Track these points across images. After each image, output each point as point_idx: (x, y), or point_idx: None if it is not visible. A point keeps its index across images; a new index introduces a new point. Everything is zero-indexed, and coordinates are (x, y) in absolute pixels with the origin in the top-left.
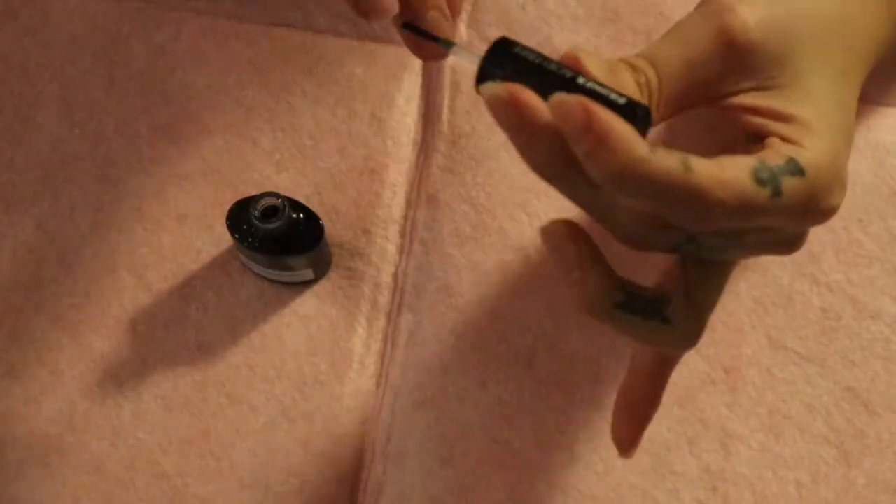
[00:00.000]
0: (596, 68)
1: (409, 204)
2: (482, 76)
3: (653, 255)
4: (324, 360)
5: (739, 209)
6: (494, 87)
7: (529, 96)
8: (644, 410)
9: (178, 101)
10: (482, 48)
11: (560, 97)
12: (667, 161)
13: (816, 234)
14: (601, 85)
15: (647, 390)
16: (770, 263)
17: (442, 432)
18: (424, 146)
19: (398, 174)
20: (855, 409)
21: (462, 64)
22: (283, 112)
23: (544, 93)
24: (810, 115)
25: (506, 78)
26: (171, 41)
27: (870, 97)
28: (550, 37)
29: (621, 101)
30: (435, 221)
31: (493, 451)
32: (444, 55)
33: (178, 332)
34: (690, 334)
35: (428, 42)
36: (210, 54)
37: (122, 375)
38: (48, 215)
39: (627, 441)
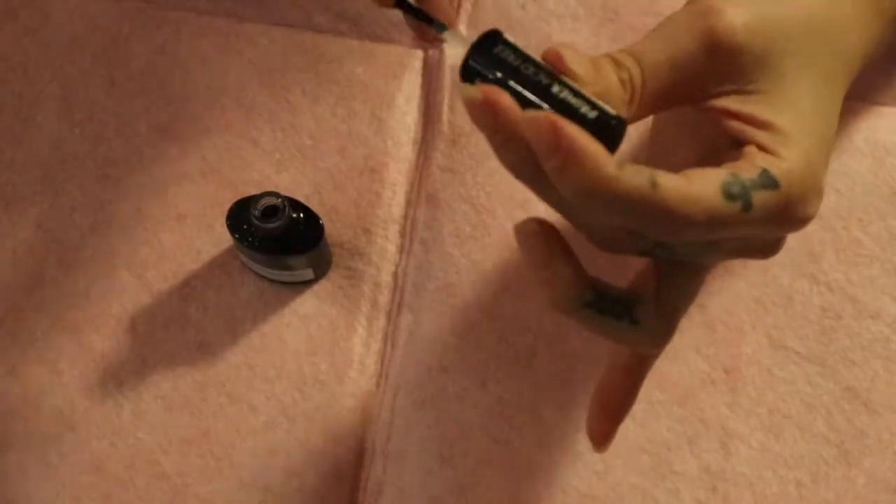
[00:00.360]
0: (578, 65)
1: (409, 203)
2: (465, 73)
3: (629, 258)
4: (324, 360)
5: (708, 224)
6: (471, 90)
7: (504, 101)
8: (619, 406)
9: (178, 101)
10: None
11: (530, 114)
12: (634, 179)
13: (816, 234)
14: (576, 94)
15: (623, 387)
16: (770, 263)
17: (442, 432)
18: (424, 146)
19: (398, 174)
20: (855, 409)
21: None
22: (283, 112)
23: (521, 96)
24: (789, 124)
25: (486, 78)
26: (171, 41)
27: (870, 97)
28: (550, 36)
29: (592, 115)
30: (435, 221)
31: (493, 451)
32: (437, 37)
33: (178, 332)
34: (659, 336)
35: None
36: (210, 54)
37: (122, 375)
38: (48, 215)
39: (601, 436)
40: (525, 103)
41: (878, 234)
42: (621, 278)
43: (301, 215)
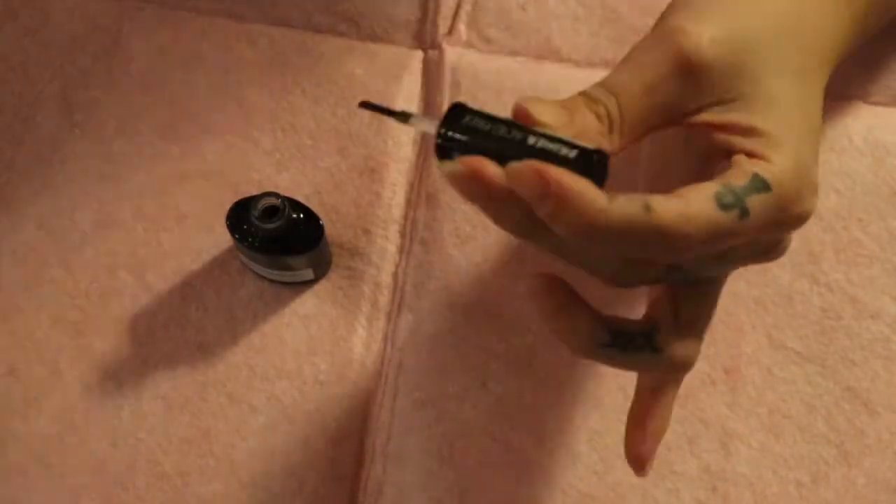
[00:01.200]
0: (548, 114)
1: (410, 203)
2: (441, 150)
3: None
4: (324, 360)
5: (709, 238)
6: (452, 166)
7: (488, 168)
8: (655, 426)
9: (178, 101)
10: (480, 47)
11: (513, 167)
12: (627, 208)
13: (816, 234)
14: (552, 139)
15: (657, 408)
16: (770, 263)
17: (442, 432)
18: (424, 146)
19: (398, 174)
20: (855, 409)
21: (460, 76)
22: (283, 112)
23: (501, 158)
24: (772, 125)
25: (463, 150)
26: (171, 41)
27: (869, 97)
28: (550, 37)
29: (572, 154)
30: (435, 221)
31: (493, 451)
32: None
33: (178, 332)
34: (685, 357)
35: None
36: (210, 54)
37: (122, 375)
38: (48, 215)
39: (642, 458)
40: (506, 164)
41: (878, 234)
42: (638, 306)
43: (301, 215)
